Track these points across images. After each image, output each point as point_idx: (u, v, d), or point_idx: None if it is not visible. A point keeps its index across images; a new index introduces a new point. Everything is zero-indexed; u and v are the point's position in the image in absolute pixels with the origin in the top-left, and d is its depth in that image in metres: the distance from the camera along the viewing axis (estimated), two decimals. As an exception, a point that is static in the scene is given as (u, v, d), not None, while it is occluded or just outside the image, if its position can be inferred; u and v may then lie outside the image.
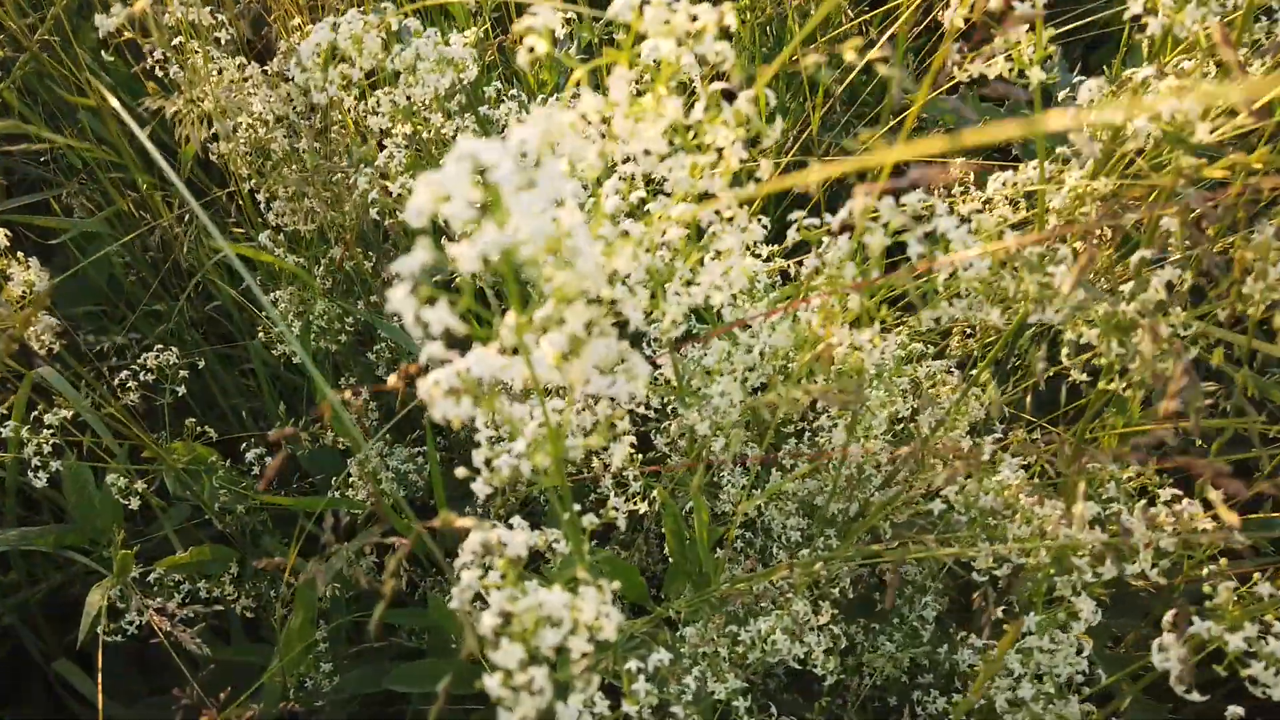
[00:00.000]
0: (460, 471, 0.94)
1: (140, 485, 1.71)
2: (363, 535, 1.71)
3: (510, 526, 1.05)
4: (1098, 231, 1.14)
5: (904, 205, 0.89)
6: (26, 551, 1.99)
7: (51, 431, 1.65)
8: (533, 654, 0.78)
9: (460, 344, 0.80)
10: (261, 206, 1.69)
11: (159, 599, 1.63)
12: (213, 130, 1.65)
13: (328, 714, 1.78)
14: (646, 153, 0.88)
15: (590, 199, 0.99)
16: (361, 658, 1.88)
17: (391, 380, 0.83)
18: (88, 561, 1.78)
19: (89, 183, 2.26)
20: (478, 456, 0.94)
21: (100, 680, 1.74)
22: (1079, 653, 1.16)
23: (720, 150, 0.89)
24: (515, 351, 0.80)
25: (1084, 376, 1.12)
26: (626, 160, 0.89)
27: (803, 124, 1.76)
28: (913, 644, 1.43)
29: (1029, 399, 1.09)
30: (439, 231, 1.73)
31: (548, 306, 0.79)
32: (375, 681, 1.71)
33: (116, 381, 1.78)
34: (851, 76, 1.97)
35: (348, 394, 0.89)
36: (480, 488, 0.91)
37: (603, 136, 0.86)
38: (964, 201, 1.27)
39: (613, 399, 0.84)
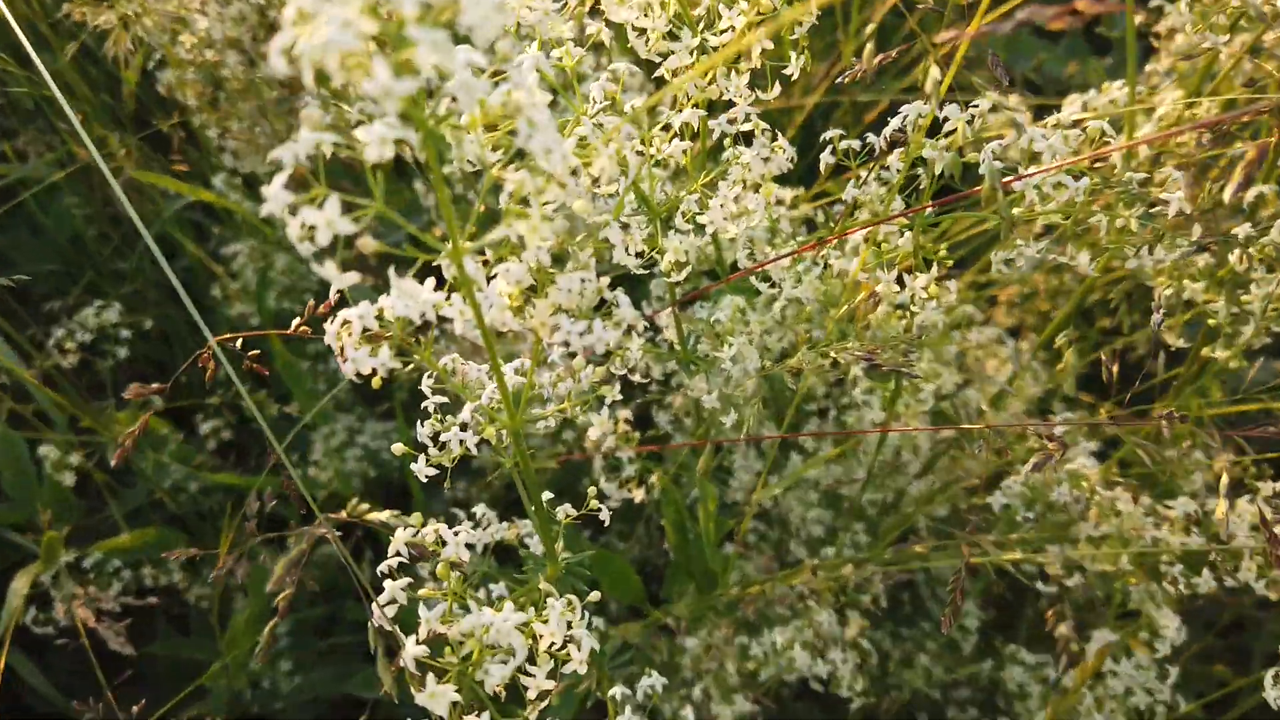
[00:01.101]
0: (397, 448, 0.74)
1: (76, 459, 1.52)
2: (297, 535, 1.52)
3: (472, 517, 0.86)
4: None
5: (975, 108, 0.69)
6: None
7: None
8: (473, 693, 0.58)
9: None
10: (213, 141, 1.49)
11: (94, 588, 1.44)
12: (159, 55, 1.45)
13: (288, 715, 1.59)
14: (640, 32, 0.67)
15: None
16: (333, 654, 1.69)
17: (295, 323, 0.63)
18: (23, 541, 1.60)
19: (46, 130, 2.06)
20: (423, 430, 0.74)
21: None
22: (1161, 679, 0.96)
23: (734, 32, 0.69)
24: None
25: (1179, 342, 0.92)
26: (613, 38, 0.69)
27: (833, 60, 1.55)
28: (951, 657, 1.23)
29: (1114, 364, 0.88)
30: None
31: (501, 227, 0.58)
32: (338, 683, 1.52)
33: (52, 342, 1.59)
34: (881, 15, 1.77)
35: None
36: (421, 468, 0.71)
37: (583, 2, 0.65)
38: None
39: (596, 356, 0.64)
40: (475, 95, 0.42)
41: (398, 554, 0.63)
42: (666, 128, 0.74)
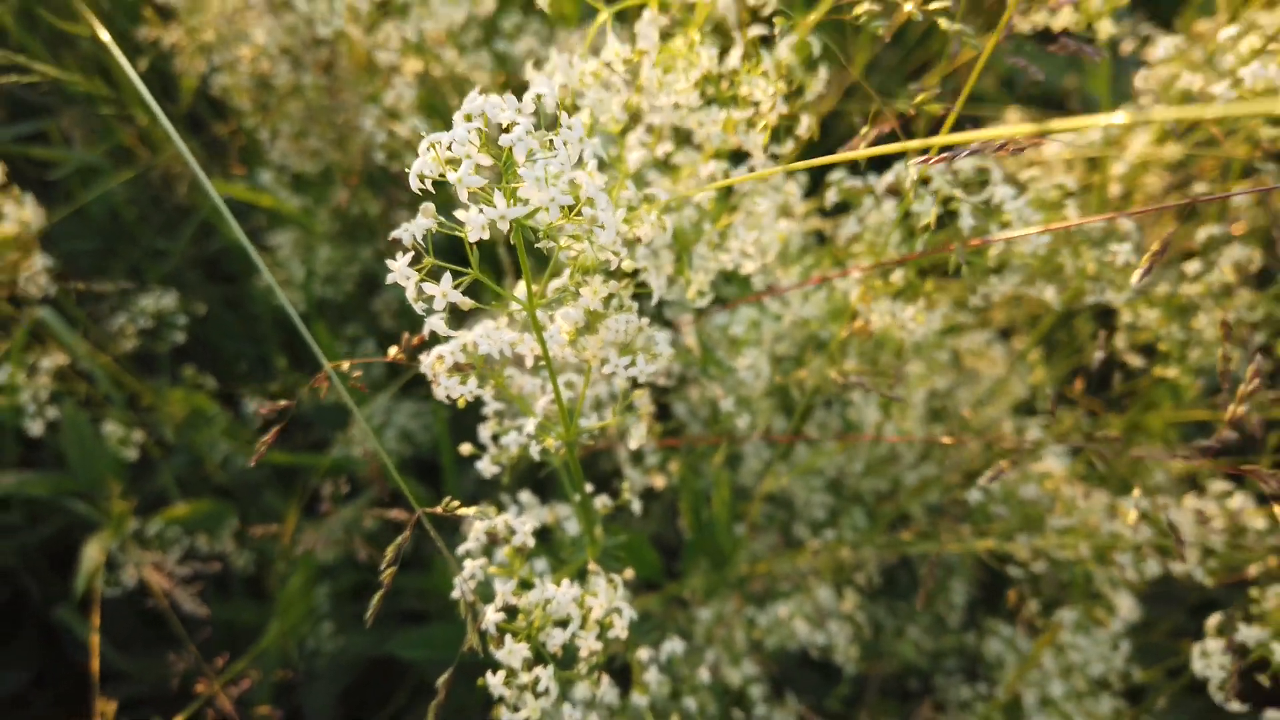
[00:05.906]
0: (465, 448, 0.87)
1: (138, 435, 1.65)
2: (360, 502, 1.65)
3: (518, 503, 0.99)
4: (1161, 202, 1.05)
5: (956, 171, 0.81)
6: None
7: (49, 377, 1.59)
8: (538, 652, 0.72)
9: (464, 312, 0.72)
10: (264, 144, 1.61)
11: (156, 553, 1.58)
12: (215, 64, 1.57)
13: (329, 675, 1.74)
14: (676, 106, 0.80)
15: (606, 160, 0.90)
16: (364, 618, 1.83)
17: (392, 351, 0.76)
18: (86, 510, 1.74)
19: (90, 112, 2.17)
20: (484, 431, 0.87)
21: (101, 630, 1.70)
22: (1115, 650, 1.10)
23: (757, 104, 0.81)
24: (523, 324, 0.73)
25: (1139, 361, 1.05)
26: (653, 110, 0.81)
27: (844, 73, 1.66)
28: (939, 631, 1.37)
29: (1078, 381, 1.01)
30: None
31: (562, 277, 0.71)
32: (378, 644, 1.66)
33: (115, 328, 1.72)
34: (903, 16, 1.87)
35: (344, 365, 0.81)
36: (486, 467, 0.85)
37: (627, 84, 0.78)
38: (1016, 163, 1.18)
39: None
40: (559, 204, 0.54)
41: (476, 539, 0.76)
42: (694, 175, 0.87)
